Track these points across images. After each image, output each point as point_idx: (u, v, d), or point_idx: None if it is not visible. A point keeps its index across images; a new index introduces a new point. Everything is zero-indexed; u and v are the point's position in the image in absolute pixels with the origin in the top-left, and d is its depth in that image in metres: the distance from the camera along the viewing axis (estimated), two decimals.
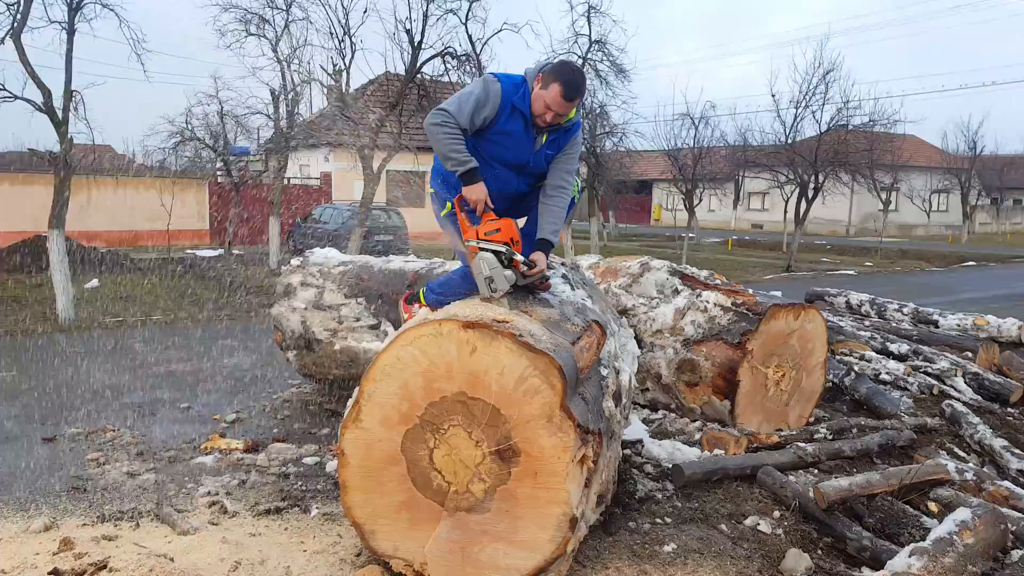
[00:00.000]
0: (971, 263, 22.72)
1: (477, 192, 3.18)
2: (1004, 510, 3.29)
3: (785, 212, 25.69)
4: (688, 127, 22.36)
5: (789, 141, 19.69)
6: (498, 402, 2.68)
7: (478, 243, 3.14)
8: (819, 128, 18.77)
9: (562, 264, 3.95)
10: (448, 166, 3.19)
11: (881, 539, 3.32)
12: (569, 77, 3.19)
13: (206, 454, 4.27)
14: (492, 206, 3.24)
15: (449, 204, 3.35)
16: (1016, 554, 2.95)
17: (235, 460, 4.18)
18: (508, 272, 3.11)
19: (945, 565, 2.79)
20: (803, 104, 18.80)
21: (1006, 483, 3.79)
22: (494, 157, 3.30)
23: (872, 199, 29.75)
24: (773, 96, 19.75)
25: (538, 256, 3.26)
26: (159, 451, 4.36)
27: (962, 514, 3.03)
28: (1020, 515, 3.27)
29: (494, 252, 3.11)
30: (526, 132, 3.30)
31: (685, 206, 22.76)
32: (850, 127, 19.47)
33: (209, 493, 3.69)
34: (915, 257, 24.51)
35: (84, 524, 3.27)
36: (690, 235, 22.16)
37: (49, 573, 2.52)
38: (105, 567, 2.59)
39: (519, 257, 3.15)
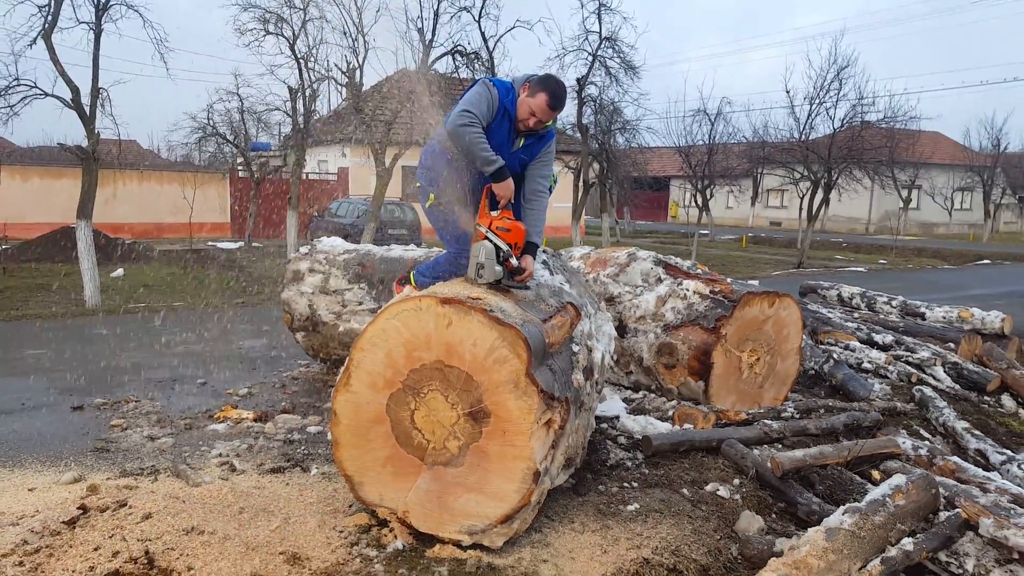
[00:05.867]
0: (986, 261, 22.62)
1: (505, 189, 3.46)
2: (941, 478, 3.56)
3: (800, 209, 25.76)
4: (703, 123, 22.58)
5: (803, 137, 19.80)
6: (471, 369, 3.01)
7: (486, 231, 3.39)
8: (833, 125, 18.86)
9: (543, 251, 4.26)
10: (478, 164, 3.43)
11: (829, 504, 3.62)
12: (555, 89, 3.52)
13: (219, 422, 4.66)
14: (513, 202, 3.54)
15: (432, 196, 3.68)
16: (944, 515, 3.22)
17: (245, 428, 4.57)
18: (499, 268, 3.36)
19: (875, 523, 3.07)
20: (817, 101, 18.91)
21: (954, 458, 4.05)
22: None
23: (893, 197, 29.55)
24: (787, 92, 19.91)
25: (527, 261, 3.47)
26: (176, 419, 4.76)
27: (897, 480, 3.30)
28: (955, 483, 3.54)
29: (496, 246, 3.36)
30: (509, 134, 3.62)
31: (696, 203, 22.90)
32: (864, 123, 19.49)
33: (220, 455, 4.07)
34: (932, 255, 24.40)
35: (108, 478, 3.66)
36: (703, 232, 22.30)
37: (77, 508, 2.91)
38: (125, 504, 2.99)
39: (514, 261, 3.39)
